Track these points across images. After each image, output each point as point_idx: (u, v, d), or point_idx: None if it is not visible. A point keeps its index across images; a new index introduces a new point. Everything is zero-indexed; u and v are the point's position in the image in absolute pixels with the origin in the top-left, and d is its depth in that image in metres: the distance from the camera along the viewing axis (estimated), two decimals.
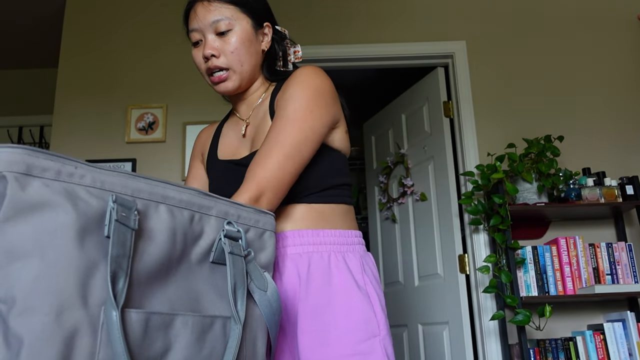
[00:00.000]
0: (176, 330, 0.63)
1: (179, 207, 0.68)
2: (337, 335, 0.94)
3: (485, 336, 2.61)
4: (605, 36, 3.07)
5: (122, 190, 0.62)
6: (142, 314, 0.59)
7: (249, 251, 0.77)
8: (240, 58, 1.07)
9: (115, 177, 0.62)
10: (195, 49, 1.09)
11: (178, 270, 0.67)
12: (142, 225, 0.63)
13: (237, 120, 1.18)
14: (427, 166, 3.11)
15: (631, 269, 2.51)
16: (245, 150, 1.11)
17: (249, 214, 0.80)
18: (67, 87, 2.92)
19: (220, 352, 0.68)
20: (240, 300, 0.73)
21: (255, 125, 1.11)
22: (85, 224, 0.57)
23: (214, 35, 1.06)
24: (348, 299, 0.96)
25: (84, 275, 0.55)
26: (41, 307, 0.51)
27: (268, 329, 0.79)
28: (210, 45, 1.06)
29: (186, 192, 0.70)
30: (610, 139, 2.90)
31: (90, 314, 0.54)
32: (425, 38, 3.05)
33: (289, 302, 0.96)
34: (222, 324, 0.70)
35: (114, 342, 0.54)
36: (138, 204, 0.63)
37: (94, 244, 0.57)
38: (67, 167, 0.57)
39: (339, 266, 0.99)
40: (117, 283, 0.57)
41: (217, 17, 1.05)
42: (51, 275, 0.53)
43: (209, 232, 0.72)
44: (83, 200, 0.57)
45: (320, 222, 1.02)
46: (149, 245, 0.63)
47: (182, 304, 0.66)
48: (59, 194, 0.55)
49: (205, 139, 1.25)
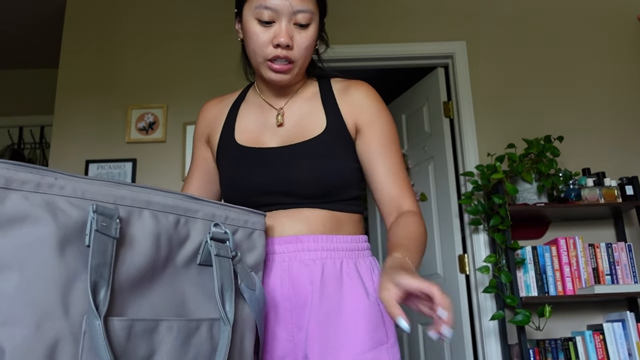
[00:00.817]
0: (160, 335, 0.63)
1: (163, 212, 0.68)
2: (345, 342, 0.93)
3: (485, 336, 2.61)
4: (605, 36, 3.07)
5: (104, 198, 0.62)
6: (125, 321, 0.59)
7: (236, 252, 0.77)
8: (308, 55, 1.04)
9: (97, 186, 0.62)
10: (260, 26, 1.00)
11: (163, 275, 0.67)
12: (125, 233, 0.63)
13: (263, 105, 1.11)
14: (427, 166, 3.11)
15: (631, 269, 2.51)
16: (275, 138, 1.06)
17: (237, 215, 0.81)
18: (67, 87, 2.92)
19: (206, 354, 0.69)
20: (228, 301, 0.73)
21: (293, 117, 1.08)
22: (66, 235, 0.57)
23: (291, 24, 1.00)
24: (357, 307, 0.96)
25: (65, 286, 0.56)
26: (22, 319, 0.52)
27: (257, 327, 0.79)
28: (289, 34, 0.99)
29: (172, 197, 0.70)
30: (610, 139, 2.90)
31: (72, 324, 0.55)
32: (425, 38, 3.04)
33: (299, 308, 0.96)
34: (208, 326, 0.70)
35: (98, 349, 0.55)
36: (121, 211, 0.63)
37: (74, 254, 0.58)
38: (46, 178, 0.58)
39: (351, 274, 0.99)
40: (98, 292, 0.57)
41: (304, 8, 0.99)
42: (31, 288, 0.53)
43: (195, 235, 0.73)
44: (63, 212, 0.58)
45: (335, 228, 1.02)
46: (132, 252, 0.63)
47: (167, 309, 0.66)
48: (38, 206, 0.56)
49: (214, 117, 1.15)
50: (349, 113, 1.06)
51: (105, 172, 2.77)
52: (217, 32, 3.02)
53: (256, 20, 1.00)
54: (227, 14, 3.06)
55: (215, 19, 3.05)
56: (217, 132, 1.13)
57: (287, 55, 1.00)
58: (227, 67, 2.97)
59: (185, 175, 2.78)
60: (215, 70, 2.96)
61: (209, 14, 3.06)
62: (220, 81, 2.95)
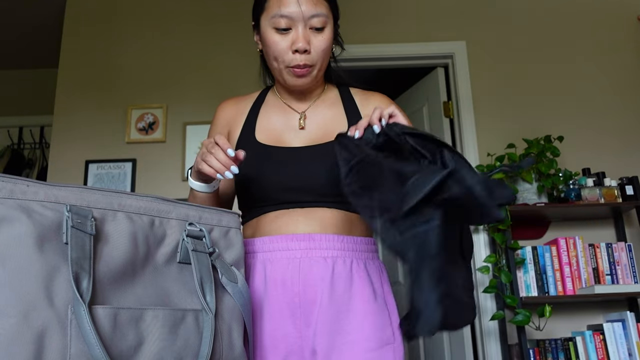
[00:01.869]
0: (147, 323, 0.66)
1: (137, 214, 0.72)
2: (352, 340, 0.96)
3: (485, 336, 2.61)
4: (606, 36, 3.07)
5: (77, 202, 0.66)
6: (109, 309, 0.62)
7: (213, 249, 0.80)
8: (326, 57, 1.08)
9: (69, 192, 0.66)
10: (278, 34, 1.04)
11: (144, 272, 0.70)
12: (101, 230, 0.67)
13: (284, 108, 1.15)
14: None
15: (631, 269, 2.51)
16: (298, 139, 1.09)
17: (211, 215, 0.84)
18: (67, 87, 2.92)
19: (195, 343, 0.72)
20: (209, 293, 0.76)
21: (316, 121, 1.12)
22: (43, 232, 0.61)
23: (307, 29, 1.04)
24: (365, 306, 0.98)
25: (47, 278, 0.59)
26: (8, 311, 0.56)
27: (244, 318, 0.82)
28: (306, 39, 1.03)
29: (144, 199, 0.74)
30: (610, 139, 2.90)
31: (58, 313, 0.58)
32: (425, 38, 3.04)
33: (309, 305, 0.98)
34: (194, 316, 0.73)
35: (85, 335, 0.58)
36: (95, 213, 0.67)
37: (54, 250, 0.61)
38: (19, 185, 0.62)
39: (360, 274, 1.01)
40: (81, 282, 0.60)
41: (317, 12, 1.03)
42: (14, 280, 0.57)
43: (172, 234, 0.76)
44: (38, 213, 0.62)
45: (348, 229, 1.04)
46: (110, 248, 0.66)
47: (151, 300, 0.69)
48: (13, 209, 0.60)
49: (234, 116, 1.18)
50: None
51: (105, 172, 2.77)
52: (217, 32, 3.03)
53: (274, 29, 1.05)
54: (227, 14, 3.07)
55: (215, 19, 3.05)
56: (237, 130, 1.15)
57: (306, 59, 1.04)
58: (227, 67, 2.97)
59: (185, 175, 2.78)
60: (215, 70, 2.96)
61: (209, 14, 3.06)
62: (220, 81, 2.95)
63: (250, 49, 2.96)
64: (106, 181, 2.76)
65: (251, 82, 2.91)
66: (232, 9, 3.05)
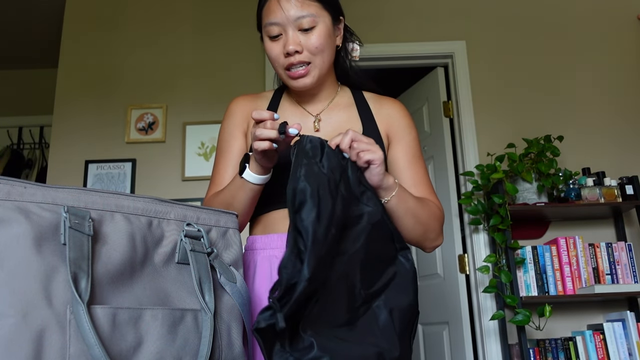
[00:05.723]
0: (146, 323, 0.67)
1: (135, 215, 0.72)
2: None
3: (485, 336, 2.61)
4: (606, 36, 3.07)
5: (75, 203, 0.66)
6: (107, 309, 0.63)
7: (212, 249, 0.81)
8: (322, 55, 1.08)
9: (66, 193, 0.66)
10: (271, 42, 1.08)
11: (143, 272, 0.71)
12: (99, 231, 0.67)
13: (299, 110, 1.17)
14: (427, 166, 3.11)
15: (631, 268, 2.51)
16: None
17: (208, 215, 0.84)
18: (67, 87, 2.92)
19: (195, 342, 0.72)
20: (207, 292, 0.76)
21: (330, 123, 1.14)
22: (41, 233, 0.61)
23: (296, 30, 1.06)
24: None
25: (45, 278, 0.60)
26: (7, 311, 0.56)
27: (243, 318, 0.82)
28: (294, 40, 1.05)
29: (141, 201, 0.74)
30: (610, 139, 2.90)
31: (57, 313, 0.59)
32: (425, 38, 3.04)
33: None
34: (193, 316, 0.74)
35: (85, 335, 0.58)
36: (92, 214, 0.67)
37: (52, 251, 0.61)
38: (16, 187, 0.62)
39: None
40: (79, 282, 0.61)
41: (302, 13, 1.05)
42: (12, 282, 0.57)
43: (170, 235, 0.77)
44: (36, 214, 0.62)
45: None
46: (108, 248, 0.67)
47: (150, 300, 0.69)
48: (11, 210, 0.60)
49: (250, 113, 1.17)
50: (383, 125, 1.16)
51: (105, 172, 2.77)
52: (217, 32, 3.03)
53: (268, 38, 1.09)
54: (227, 14, 3.06)
55: (215, 19, 3.05)
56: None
57: (299, 60, 1.06)
58: (227, 67, 2.97)
59: (184, 176, 2.78)
60: (215, 70, 2.96)
61: (209, 14, 3.06)
62: (220, 81, 2.95)
63: (249, 49, 2.97)
64: (106, 181, 2.76)
65: (251, 82, 2.93)
66: (232, 10, 3.05)
